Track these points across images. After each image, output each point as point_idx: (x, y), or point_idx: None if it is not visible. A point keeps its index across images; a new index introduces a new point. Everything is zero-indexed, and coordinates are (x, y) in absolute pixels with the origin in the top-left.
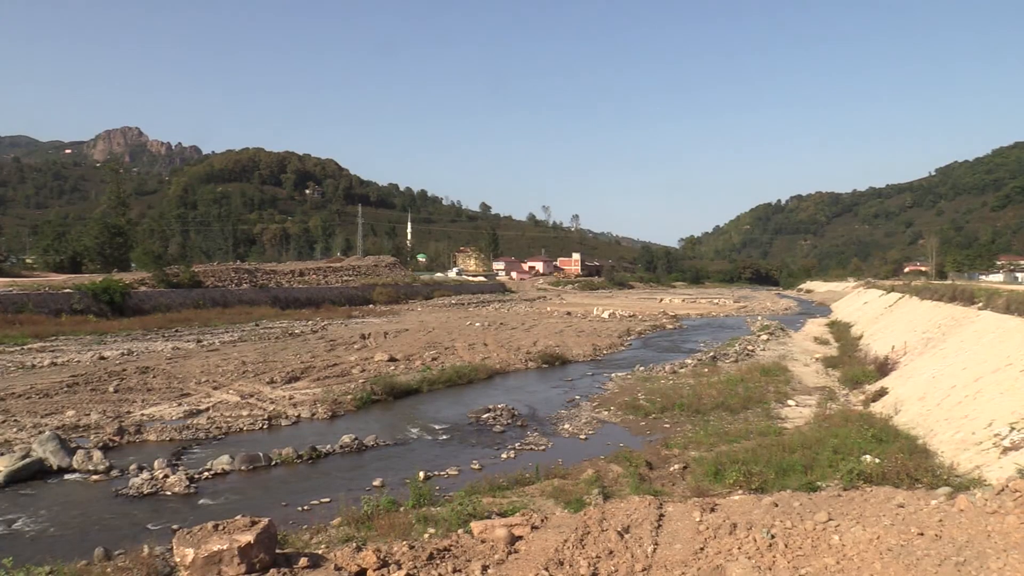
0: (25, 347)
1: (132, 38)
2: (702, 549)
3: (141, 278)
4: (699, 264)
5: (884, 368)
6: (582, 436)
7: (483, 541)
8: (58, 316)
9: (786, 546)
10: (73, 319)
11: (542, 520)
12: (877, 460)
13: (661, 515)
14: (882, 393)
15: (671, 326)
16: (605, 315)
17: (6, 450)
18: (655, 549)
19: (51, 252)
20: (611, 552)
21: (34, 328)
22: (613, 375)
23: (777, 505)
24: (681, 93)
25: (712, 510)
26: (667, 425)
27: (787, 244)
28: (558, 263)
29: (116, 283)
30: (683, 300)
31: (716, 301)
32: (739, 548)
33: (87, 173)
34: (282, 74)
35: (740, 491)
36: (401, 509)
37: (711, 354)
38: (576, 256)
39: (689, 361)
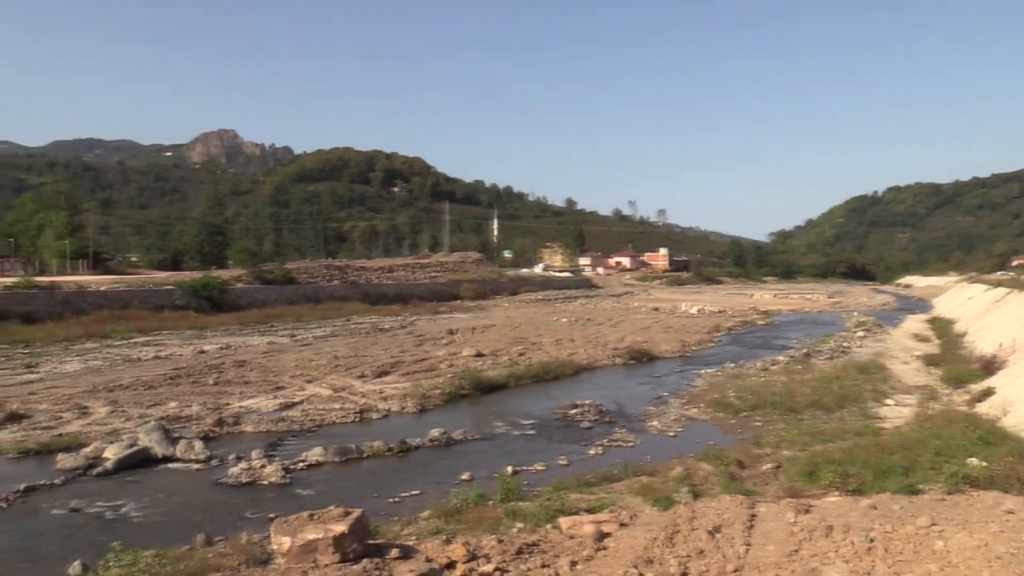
0: (130, 341)
1: (228, 44)
2: (796, 551)
3: (237, 275)
4: (790, 258)
5: (990, 367)
6: (670, 433)
7: (571, 537)
8: (160, 311)
9: (886, 551)
10: (174, 314)
11: (630, 517)
12: (984, 463)
13: (753, 515)
14: (989, 393)
15: (761, 322)
16: (693, 311)
17: (115, 439)
18: (747, 550)
19: (154, 250)
20: (701, 552)
21: (139, 323)
22: (702, 372)
23: (876, 508)
24: (771, 84)
25: (807, 511)
26: (758, 423)
27: (884, 237)
28: (645, 258)
29: (214, 280)
30: (774, 295)
31: (809, 296)
32: (835, 551)
33: (186, 175)
34: (370, 75)
35: (836, 493)
36: (489, 503)
37: (804, 351)
38: (663, 251)
39: (781, 358)
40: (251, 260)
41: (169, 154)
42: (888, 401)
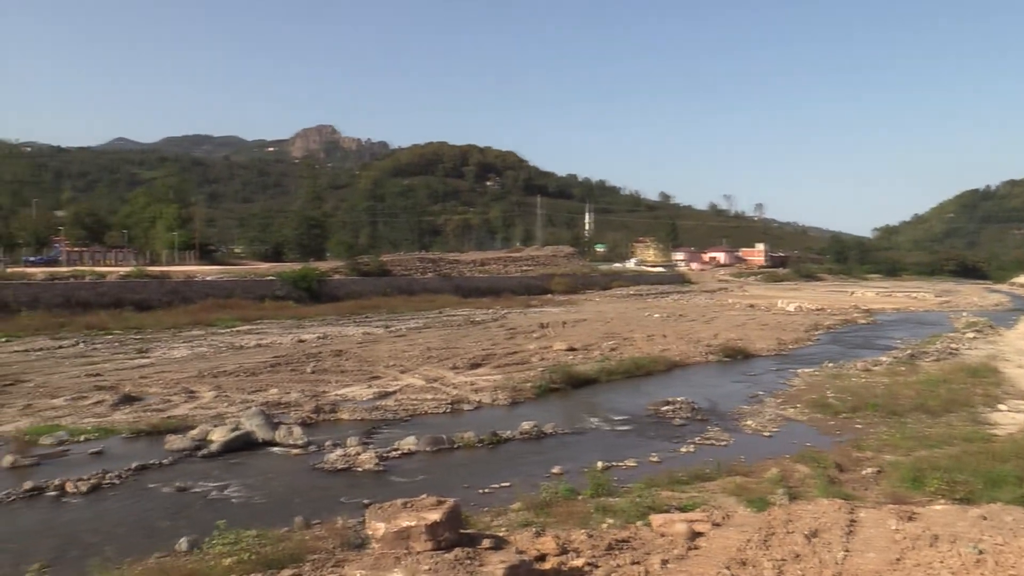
0: (234, 329)
1: (327, 43)
2: (899, 560)
3: (335, 267)
4: (895, 255)
5: None
6: (765, 433)
7: (662, 535)
8: (262, 301)
9: (996, 564)
10: (275, 304)
11: (723, 517)
12: None
13: (853, 520)
14: None
15: (863, 321)
16: (791, 308)
17: (219, 422)
18: (846, 556)
19: (256, 242)
20: (797, 556)
21: (241, 312)
22: (799, 371)
23: (986, 518)
24: (877, 72)
25: (910, 519)
26: (859, 426)
27: (997, 234)
28: (740, 253)
29: (313, 271)
30: (877, 293)
31: (914, 295)
32: (941, 562)
33: (287, 169)
34: (465, 69)
35: (942, 501)
36: (579, 498)
37: (909, 352)
38: (760, 246)
39: (884, 359)
40: (348, 252)
41: (272, 149)
42: (1001, 407)
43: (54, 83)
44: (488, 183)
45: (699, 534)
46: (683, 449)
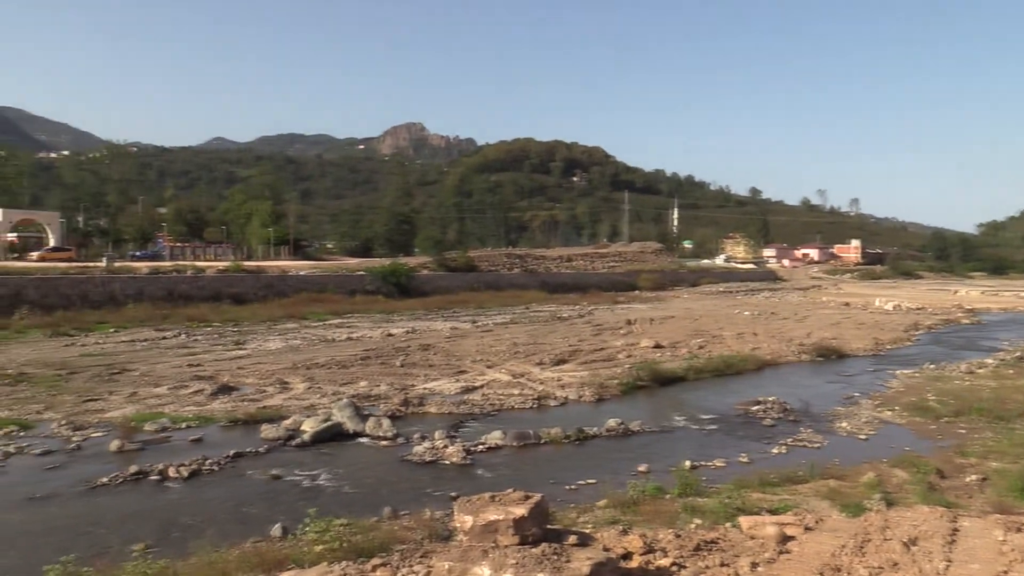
0: (326, 323)
1: (415, 41)
2: (1005, 573)
3: (423, 262)
4: (1001, 252)
5: None
6: (861, 436)
7: (752, 537)
8: (352, 296)
9: None
10: (365, 299)
11: (816, 521)
12: None
13: (955, 529)
14: None
15: (967, 321)
16: (888, 307)
17: (311, 413)
18: (947, 567)
19: (347, 238)
20: (895, 564)
21: (333, 306)
22: (897, 372)
23: None
24: (981, 58)
25: (1018, 530)
26: (962, 431)
27: None
28: (834, 250)
29: (401, 267)
30: (982, 292)
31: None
32: None
33: (377, 166)
34: (552, 66)
35: None
36: (666, 497)
37: (1017, 354)
38: (855, 243)
39: (989, 360)
40: (436, 248)
41: (362, 147)
42: None
43: (158, 87)
44: (574, 179)
45: (790, 538)
46: (774, 450)
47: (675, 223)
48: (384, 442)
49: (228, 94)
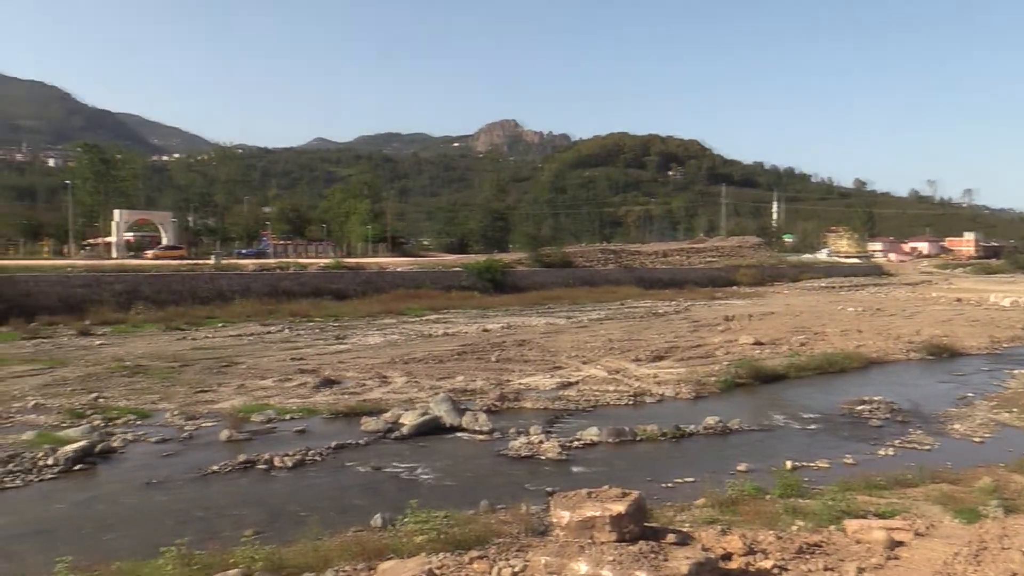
0: (423, 318)
1: (508, 39)
2: None
3: (518, 258)
4: None
5: None
6: (976, 439)
7: (858, 542)
8: (449, 291)
9: None
10: (461, 294)
11: (927, 527)
12: None
13: None
14: None
15: None
16: (1005, 303)
17: (410, 407)
18: None
19: (443, 235)
20: (1014, 575)
21: (430, 302)
22: (1016, 372)
23: None
24: None
25: None
26: None
27: None
28: (946, 243)
29: (497, 263)
30: None
31: None
32: None
33: (472, 164)
34: (644, 60)
35: None
36: (767, 497)
37: None
38: (969, 235)
39: None
40: (531, 244)
41: (457, 145)
42: None
43: (263, 91)
44: (670, 173)
45: (899, 543)
46: (881, 452)
47: (775, 217)
48: (481, 436)
49: (329, 96)
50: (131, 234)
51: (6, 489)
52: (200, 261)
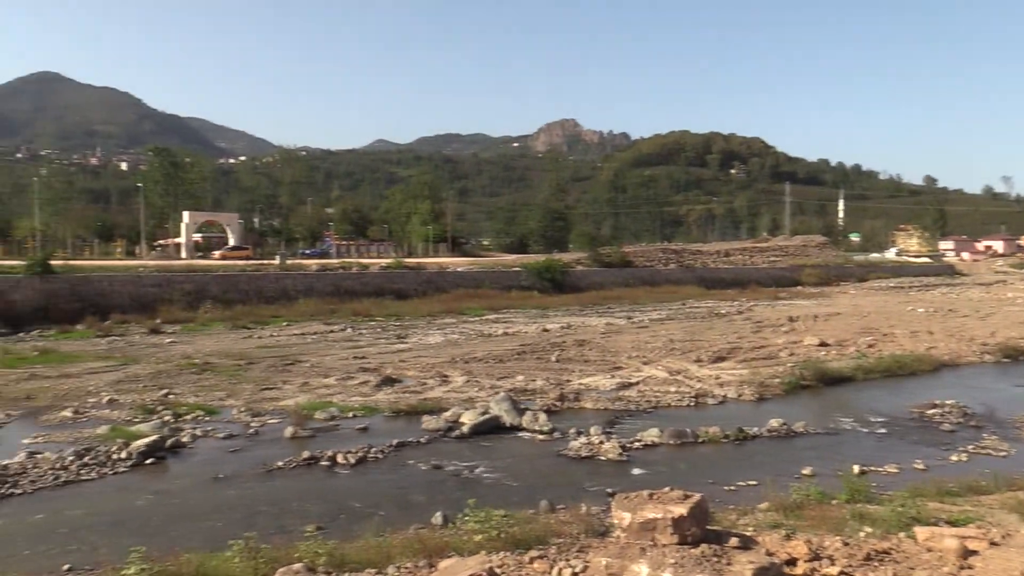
0: (483, 318)
1: (569, 37)
2: None
3: (577, 258)
4: None
5: None
6: None
7: (929, 550)
8: (508, 291)
9: None
10: (520, 294)
11: (1003, 536)
12: None
13: None
14: None
15: None
16: None
17: (470, 406)
18: None
19: (502, 235)
20: None
21: (489, 301)
22: None
23: None
24: None
25: None
26: None
27: None
28: (1022, 242)
29: (556, 263)
30: None
31: None
32: None
33: (531, 163)
34: (705, 58)
35: None
36: (833, 502)
37: None
38: None
39: None
40: (590, 244)
41: (516, 145)
42: None
43: (325, 94)
44: (732, 171)
45: (973, 552)
46: (953, 457)
47: (841, 215)
48: (540, 436)
49: (390, 98)
50: (199, 235)
51: (82, 481)
52: (265, 261)
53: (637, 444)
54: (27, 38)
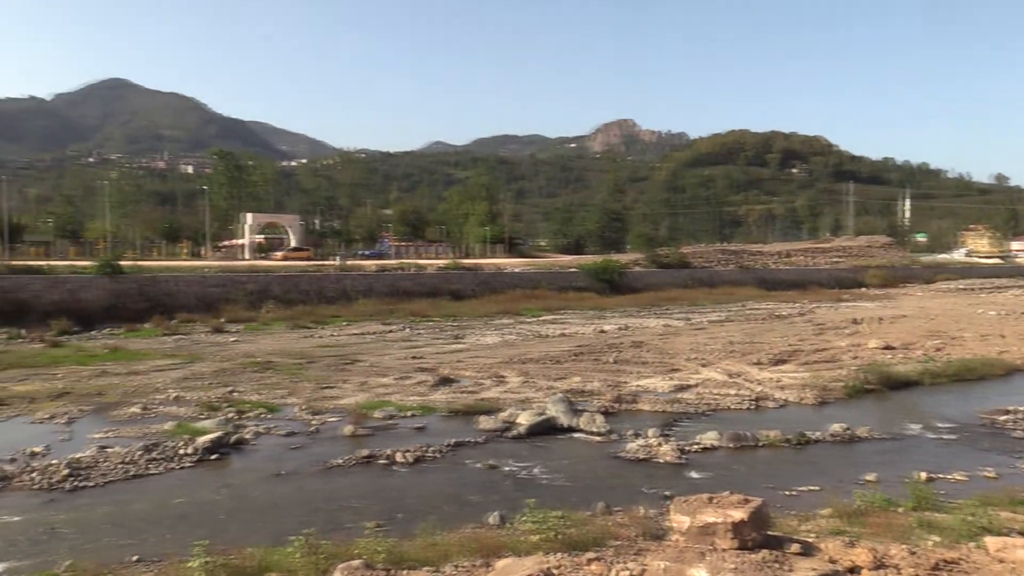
0: (539, 318)
1: (625, 37)
2: None
3: (634, 259)
4: None
5: None
6: None
7: (1000, 561)
8: (564, 292)
9: None
10: (576, 295)
11: None
12: None
13: None
14: None
15: None
16: None
17: (526, 406)
18: None
19: (559, 236)
20: None
21: (546, 302)
22: None
23: None
24: None
25: None
26: None
27: None
28: None
29: (613, 263)
30: None
31: None
32: None
33: (587, 164)
34: (765, 56)
35: None
36: (898, 510)
37: None
38: None
39: None
40: (647, 245)
41: (573, 146)
42: None
43: (383, 95)
44: (793, 170)
45: None
46: None
47: (906, 215)
48: (597, 438)
49: (447, 100)
50: (261, 236)
51: (149, 475)
52: (325, 262)
53: (695, 447)
54: (97, 46)
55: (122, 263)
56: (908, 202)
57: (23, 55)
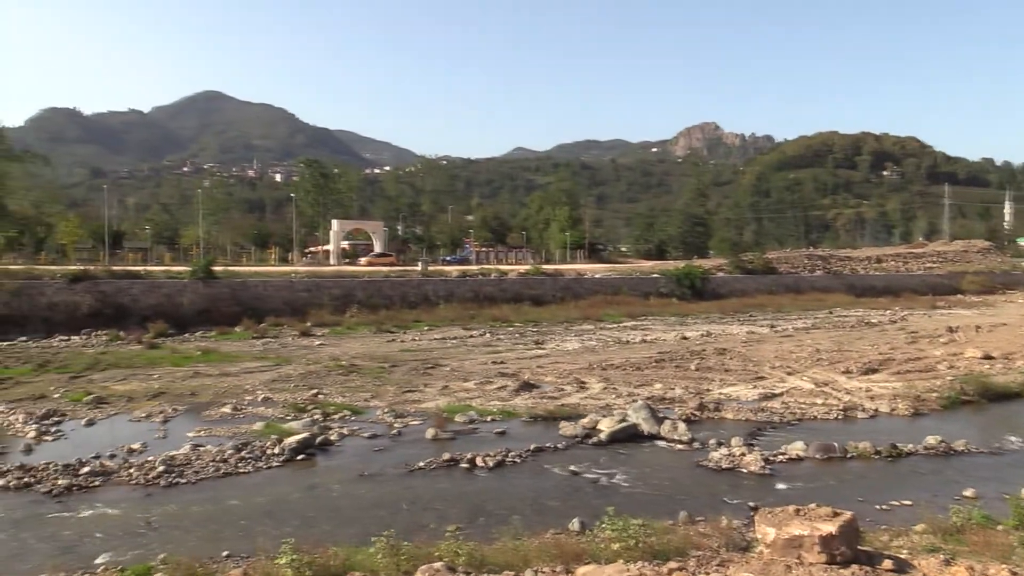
0: (620, 324)
1: (708, 39)
2: None
3: (718, 264)
4: None
5: None
6: None
7: None
8: (646, 298)
9: None
10: (659, 301)
11: None
12: None
13: None
14: None
15: None
16: None
17: (607, 413)
18: None
19: (641, 241)
20: None
21: (627, 308)
22: None
23: None
24: None
25: None
26: None
27: None
28: None
29: (696, 269)
30: None
31: None
32: None
33: (670, 168)
34: (853, 55)
35: None
36: (999, 528)
37: None
38: None
39: None
40: (731, 250)
41: (655, 150)
42: None
43: (466, 104)
44: (885, 173)
45: None
46: None
47: (1008, 218)
48: (679, 446)
49: (528, 106)
50: (347, 242)
51: (240, 473)
52: (408, 268)
53: (781, 457)
54: (194, 60)
55: (215, 268)
56: (1009, 204)
57: (125, 71)
